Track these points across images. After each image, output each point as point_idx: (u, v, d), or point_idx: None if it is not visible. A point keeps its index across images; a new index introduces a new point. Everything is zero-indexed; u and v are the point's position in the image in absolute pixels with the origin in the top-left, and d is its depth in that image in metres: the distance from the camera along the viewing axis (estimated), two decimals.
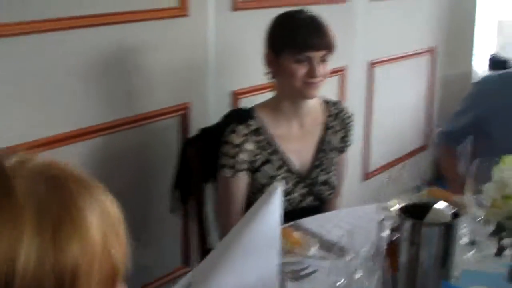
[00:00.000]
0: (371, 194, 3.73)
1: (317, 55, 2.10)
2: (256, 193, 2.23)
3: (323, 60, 2.12)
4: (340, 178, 2.41)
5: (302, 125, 2.27)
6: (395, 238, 1.44)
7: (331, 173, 2.32)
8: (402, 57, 4.21)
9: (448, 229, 1.46)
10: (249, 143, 2.16)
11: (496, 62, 4.90)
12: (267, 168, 2.20)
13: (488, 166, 1.88)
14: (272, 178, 2.21)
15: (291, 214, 2.24)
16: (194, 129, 2.73)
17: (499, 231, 1.42)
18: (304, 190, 2.26)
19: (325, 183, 2.31)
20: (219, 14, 2.78)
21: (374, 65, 3.94)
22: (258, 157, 2.18)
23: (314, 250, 1.89)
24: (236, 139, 2.16)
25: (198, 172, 2.43)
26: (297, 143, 2.26)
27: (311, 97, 2.20)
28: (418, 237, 1.45)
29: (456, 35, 4.77)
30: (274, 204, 1.36)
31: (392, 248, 1.44)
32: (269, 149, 2.20)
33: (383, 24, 3.91)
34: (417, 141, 4.73)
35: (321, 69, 2.11)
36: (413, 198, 1.78)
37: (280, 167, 2.22)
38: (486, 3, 4.85)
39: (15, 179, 0.66)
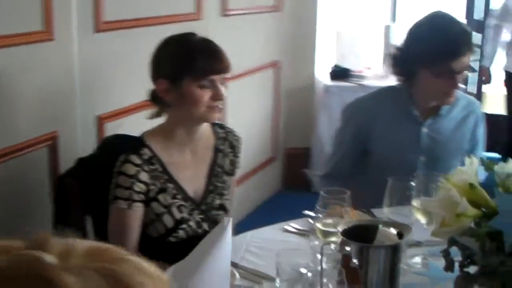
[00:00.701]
0: None
1: (219, 77, 2.06)
2: (149, 224, 2.13)
3: (222, 82, 2.08)
4: (231, 200, 2.37)
5: (195, 151, 2.21)
6: (355, 264, 1.42)
7: (225, 197, 2.28)
8: (248, 72, 4.25)
9: (395, 250, 1.48)
10: (144, 173, 2.06)
11: (337, 73, 5.09)
12: (162, 198, 2.11)
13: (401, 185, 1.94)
14: (167, 208, 2.12)
15: (188, 243, 2.17)
16: (63, 160, 2.57)
17: (450, 247, 1.46)
18: (199, 217, 2.20)
19: (221, 207, 2.26)
20: (82, 37, 2.64)
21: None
22: (152, 187, 2.09)
23: (238, 280, 1.84)
24: (130, 169, 2.05)
25: (79, 206, 2.28)
26: (190, 170, 2.19)
27: (214, 120, 2.17)
28: (366, 260, 1.45)
29: (299, 47, 4.91)
30: (226, 238, 1.30)
31: (353, 273, 1.42)
32: (163, 178, 2.12)
33: (233, 40, 3.92)
34: (265, 153, 4.81)
35: (224, 91, 2.07)
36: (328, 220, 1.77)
37: (174, 196, 2.14)
38: (325, 15, 5.03)
39: (64, 279, 0.56)
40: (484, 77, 5.52)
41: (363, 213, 2.23)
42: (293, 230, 2.15)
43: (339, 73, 5.08)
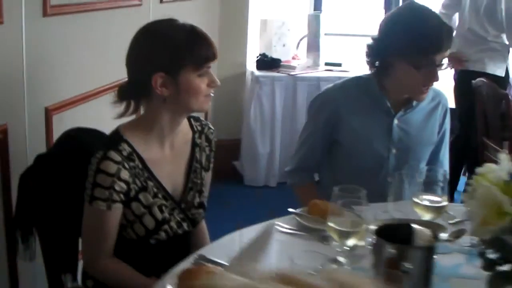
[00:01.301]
0: None
1: (212, 65, 1.94)
2: (127, 226, 1.96)
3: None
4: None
5: (173, 146, 2.05)
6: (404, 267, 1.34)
7: (203, 194, 2.13)
8: None
9: (433, 250, 1.40)
10: (124, 170, 1.89)
11: (264, 62, 5.01)
12: (142, 197, 1.94)
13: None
14: (148, 208, 1.95)
15: (168, 244, 2.02)
16: (14, 155, 2.35)
17: (491, 246, 1.39)
18: (180, 216, 2.05)
19: (200, 205, 2.12)
20: (29, 21, 2.40)
21: None
22: (133, 185, 1.92)
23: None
24: (110, 167, 1.86)
25: (42, 207, 2.08)
26: (169, 166, 2.03)
27: (207, 109, 2.04)
28: (407, 262, 1.37)
29: (230, 35, 4.78)
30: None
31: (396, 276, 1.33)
32: (143, 175, 1.95)
33: None
34: None
35: None
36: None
37: (155, 195, 1.98)
38: (251, 2, 4.92)
39: None
40: None
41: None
42: (285, 230, 2.03)
43: (267, 63, 4.99)
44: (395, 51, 2.33)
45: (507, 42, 4.46)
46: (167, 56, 1.89)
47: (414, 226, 1.45)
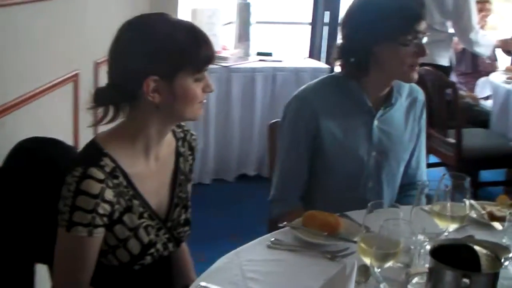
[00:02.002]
0: None
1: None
2: (109, 252, 1.71)
3: None
4: None
5: (158, 158, 1.80)
6: None
7: (189, 210, 1.91)
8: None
9: (497, 276, 1.25)
10: (108, 190, 1.63)
11: None
12: (127, 219, 1.69)
13: None
14: (133, 230, 1.71)
15: (153, 268, 1.79)
16: None
17: None
18: (166, 237, 1.82)
19: (186, 222, 1.89)
20: None
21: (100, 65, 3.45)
22: (117, 206, 1.66)
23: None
24: (93, 187, 1.60)
25: None
26: (154, 180, 1.79)
27: (199, 118, 1.79)
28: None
29: None
30: None
31: None
32: (128, 194, 1.70)
33: (103, 20, 3.44)
34: None
35: None
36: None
37: (141, 215, 1.73)
38: None
39: None
40: None
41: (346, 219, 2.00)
42: (281, 247, 1.85)
43: None
44: (376, 37, 2.18)
45: (451, 31, 4.43)
46: (164, 58, 1.64)
47: (477, 248, 1.29)
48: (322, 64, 5.36)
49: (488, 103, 4.97)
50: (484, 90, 5.07)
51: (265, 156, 4.85)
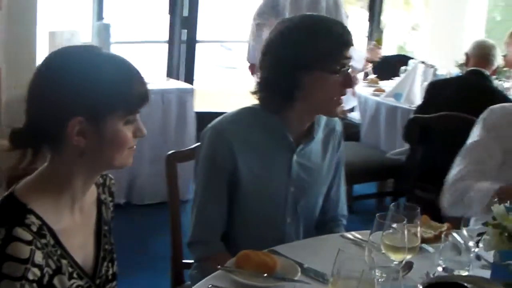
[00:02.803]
0: None
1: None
2: None
3: None
4: None
5: (83, 209, 1.60)
6: None
7: (115, 262, 1.72)
8: None
9: None
10: (38, 252, 1.41)
11: None
12: (57, 282, 1.49)
13: None
14: None
15: None
16: None
17: None
18: None
19: (114, 277, 1.72)
20: None
21: None
22: (46, 269, 1.45)
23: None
24: (21, 251, 1.38)
25: None
26: (80, 235, 1.60)
27: (129, 165, 1.59)
28: None
29: (18, 54, 4.17)
30: None
31: None
32: (56, 254, 1.48)
33: None
34: None
35: None
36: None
37: (71, 275, 1.53)
38: (39, 15, 4.35)
39: None
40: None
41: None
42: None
43: None
44: (303, 65, 2.05)
45: None
46: (92, 97, 1.46)
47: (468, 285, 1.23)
48: (185, 85, 5.24)
49: (354, 115, 5.07)
50: (349, 102, 5.14)
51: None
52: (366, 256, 1.66)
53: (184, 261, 2.45)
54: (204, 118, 5.45)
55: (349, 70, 2.11)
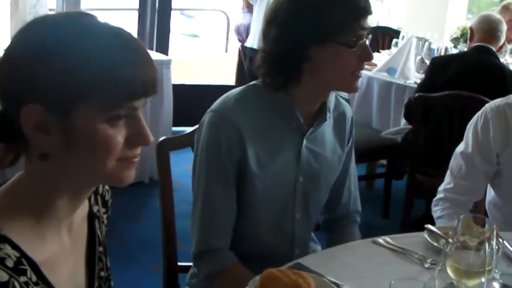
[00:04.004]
0: None
1: (142, 103, 1.13)
2: None
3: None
4: None
5: (71, 228, 1.24)
6: None
7: None
8: None
9: None
10: None
11: None
12: None
13: None
14: None
15: None
16: None
17: None
18: None
19: None
20: None
21: None
22: None
23: None
24: None
25: None
26: (69, 261, 1.24)
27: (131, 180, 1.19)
28: None
29: None
30: None
31: None
32: None
33: None
34: None
35: None
36: None
37: None
38: None
39: None
40: None
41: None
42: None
43: None
44: (313, 36, 1.74)
45: None
46: (55, 79, 1.06)
47: None
48: (161, 56, 4.85)
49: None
50: None
51: None
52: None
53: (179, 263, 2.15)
54: (181, 91, 5.15)
55: (367, 42, 1.80)
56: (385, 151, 4.20)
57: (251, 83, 1.92)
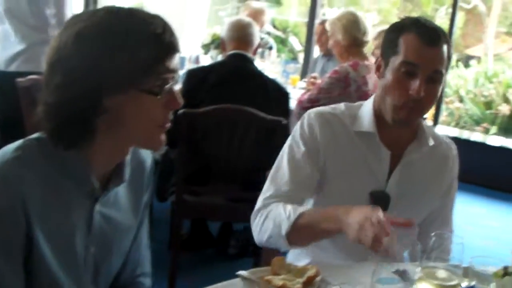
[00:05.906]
0: None
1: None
2: None
3: None
4: None
5: None
6: None
7: None
8: None
9: None
10: None
11: None
12: None
13: None
14: None
15: None
16: None
17: None
18: None
19: None
20: None
21: None
22: None
23: None
24: None
25: None
26: None
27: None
28: None
29: None
30: None
31: None
32: None
33: None
34: None
35: None
36: None
37: None
38: None
39: None
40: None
41: None
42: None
43: None
44: (111, 85, 1.40)
45: None
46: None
47: None
48: None
49: None
50: None
51: None
52: None
53: None
54: None
55: (175, 86, 1.49)
56: None
57: (33, 136, 1.49)
